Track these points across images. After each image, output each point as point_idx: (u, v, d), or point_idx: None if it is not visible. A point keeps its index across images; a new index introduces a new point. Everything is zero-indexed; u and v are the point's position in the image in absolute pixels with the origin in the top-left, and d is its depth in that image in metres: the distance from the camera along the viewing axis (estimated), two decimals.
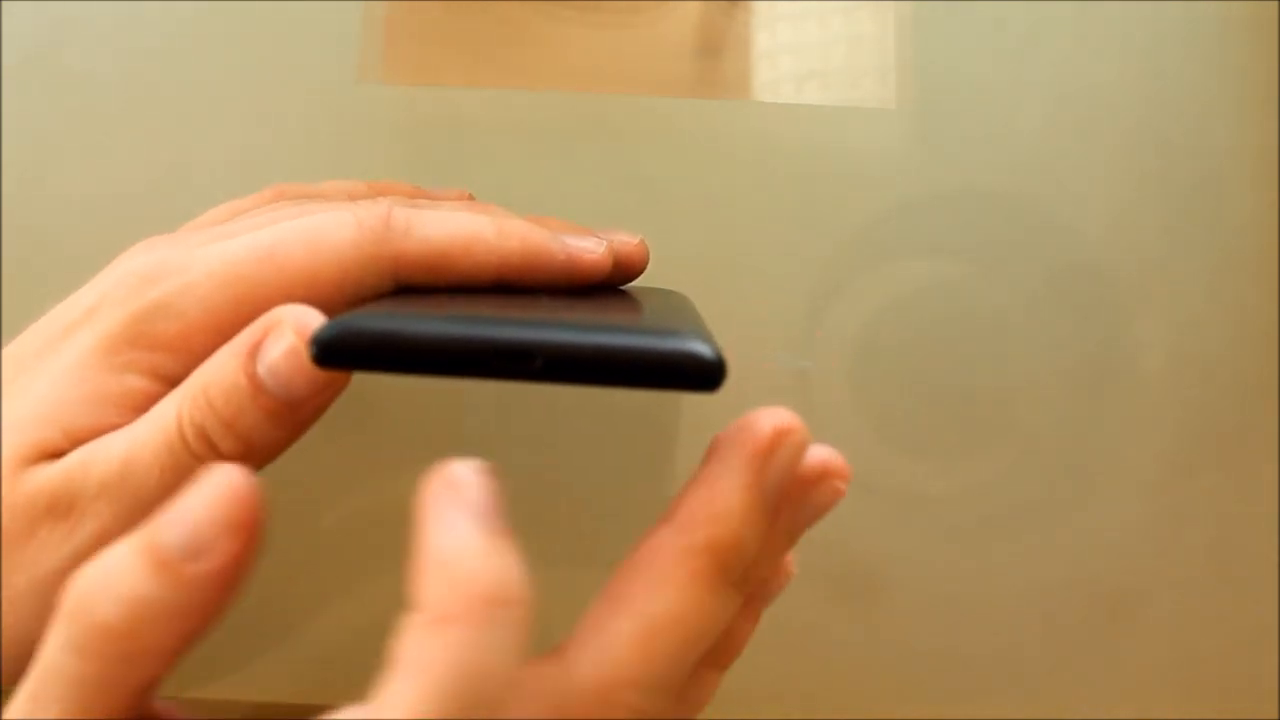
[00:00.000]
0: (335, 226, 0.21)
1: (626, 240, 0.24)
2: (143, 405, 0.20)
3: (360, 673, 0.19)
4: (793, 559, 0.19)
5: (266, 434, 0.19)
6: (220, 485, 0.15)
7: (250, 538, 0.15)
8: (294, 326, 0.18)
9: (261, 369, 0.18)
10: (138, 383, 0.20)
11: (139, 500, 0.19)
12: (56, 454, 0.19)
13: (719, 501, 0.16)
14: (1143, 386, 0.31)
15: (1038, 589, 0.30)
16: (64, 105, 0.30)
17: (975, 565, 0.30)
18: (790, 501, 0.17)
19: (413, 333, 0.16)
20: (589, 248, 0.23)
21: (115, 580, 0.15)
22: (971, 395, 0.30)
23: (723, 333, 0.19)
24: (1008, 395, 0.31)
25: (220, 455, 0.19)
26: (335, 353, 0.16)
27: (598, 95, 0.31)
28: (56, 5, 0.31)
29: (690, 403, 0.30)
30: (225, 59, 0.31)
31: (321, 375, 0.18)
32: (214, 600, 0.15)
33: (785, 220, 0.31)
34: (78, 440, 0.20)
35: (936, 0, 0.32)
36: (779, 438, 0.16)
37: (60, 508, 0.19)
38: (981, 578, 0.30)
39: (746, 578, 0.16)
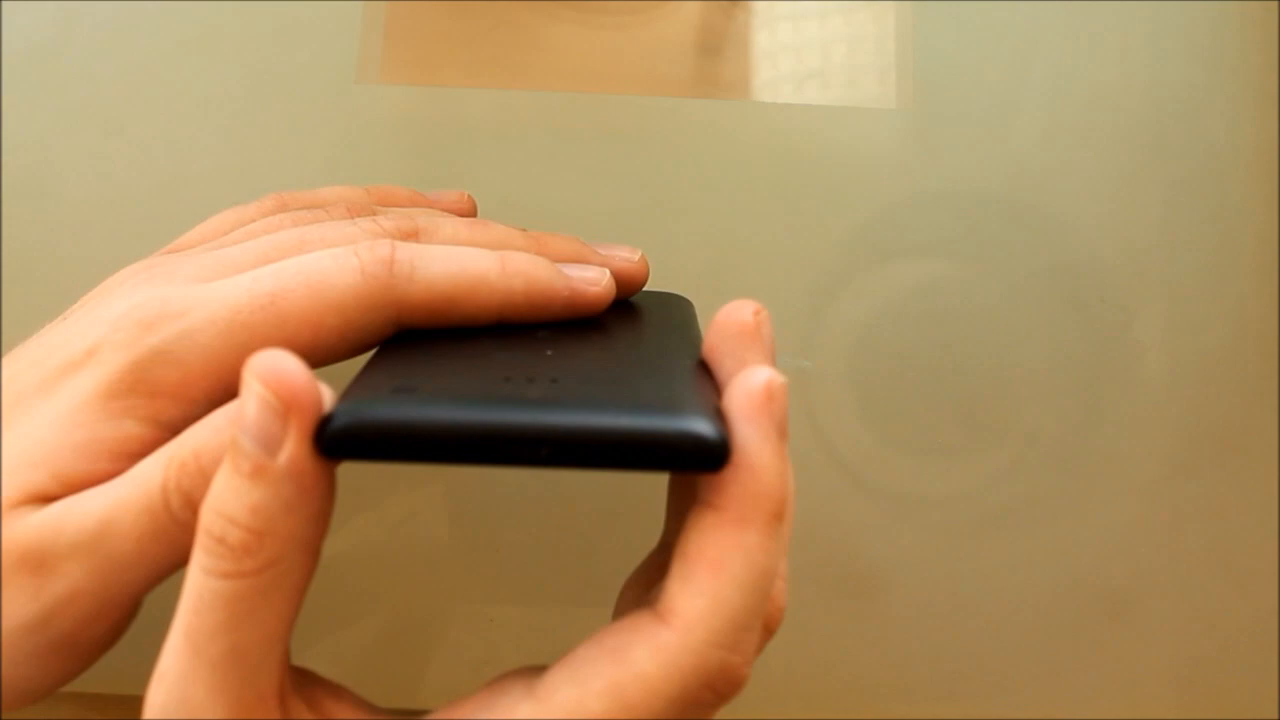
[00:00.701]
0: (338, 272, 0.20)
1: (627, 257, 0.24)
2: (138, 452, 0.19)
3: (363, 684, 0.19)
4: None
5: None
6: (261, 374, 0.16)
7: (308, 407, 0.16)
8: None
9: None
10: (135, 429, 0.20)
11: (112, 563, 0.19)
12: (47, 498, 0.19)
13: (765, 469, 0.17)
14: (1143, 386, 0.31)
15: (1037, 589, 0.30)
16: (64, 105, 0.30)
17: (975, 565, 0.30)
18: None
19: (421, 425, 0.16)
20: (592, 279, 0.23)
21: (227, 502, 0.16)
22: (971, 395, 0.31)
23: None
24: (1007, 395, 0.31)
25: None
26: (344, 446, 0.16)
27: (598, 95, 0.31)
28: (56, 5, 0.31)
29: None
30: (225, 59, 0.31)
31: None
32: (312, 481, 0.16)
33: (785, 220, 0.31)
34: (69, 486, 0.19)
35: (936, 0, 0.32)
36: (776, 383, 0.18)
37: (31, 562, 0.19)
38: (981, 578, 0.30)
39: None
